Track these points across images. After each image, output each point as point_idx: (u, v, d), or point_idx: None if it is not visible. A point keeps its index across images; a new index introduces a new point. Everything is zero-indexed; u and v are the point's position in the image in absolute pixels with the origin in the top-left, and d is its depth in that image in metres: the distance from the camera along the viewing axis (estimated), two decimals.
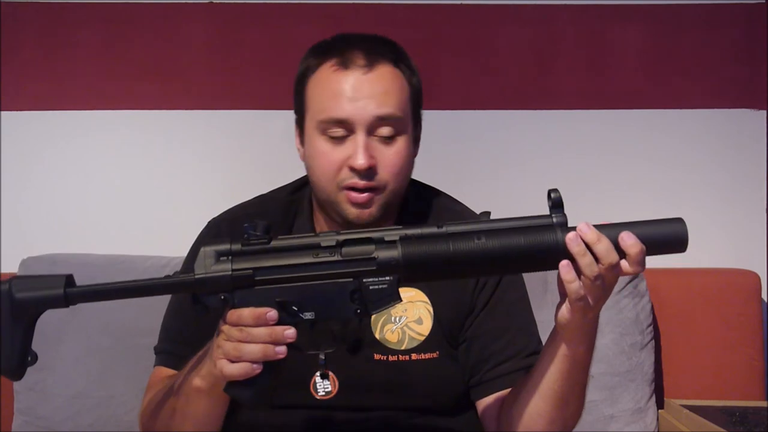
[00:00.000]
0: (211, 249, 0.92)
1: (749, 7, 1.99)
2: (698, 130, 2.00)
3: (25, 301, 0.91)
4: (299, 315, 0.92)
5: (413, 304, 1.19)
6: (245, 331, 0.91)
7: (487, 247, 0.89)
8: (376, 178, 1.13)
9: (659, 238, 0.91)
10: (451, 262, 0.90)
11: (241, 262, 0.92)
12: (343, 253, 0.92)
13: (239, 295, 0.92)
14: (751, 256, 1.96)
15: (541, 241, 0.90)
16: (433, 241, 0.91)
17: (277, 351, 0.90)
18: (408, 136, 1.16)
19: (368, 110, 1.11)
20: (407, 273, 0.91)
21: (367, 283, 0.91)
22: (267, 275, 0.92)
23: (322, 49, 1.17)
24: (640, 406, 1.71)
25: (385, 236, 0.92)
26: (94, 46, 1.96)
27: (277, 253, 0.92)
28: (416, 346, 1.17)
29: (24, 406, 1.67)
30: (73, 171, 1.96)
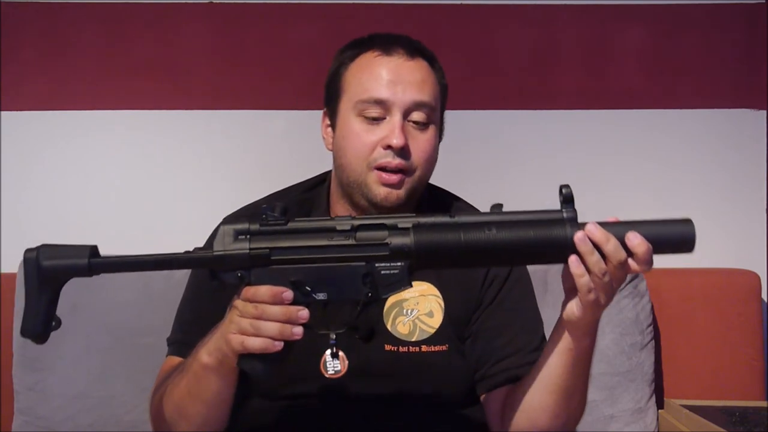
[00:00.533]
0: (230, 228, 0.95)
1: (749, 7, 1.99)
2: (698, 130, 2.00)
3: (51, 269, 0.94)
4: (312, 295, 0.94)
5: (425, 298, 1.20)
6: (260, 308, 0.93)
7: (498, 238, 0.92)
8: (409, 161, 1.17)
9: (666, 237, 0.93)
10: (461, 252, 0.92)
11: (259, 242, 0.94)
12: (357, 238, 0.94)
13: (255, 273, 0.94)
14: (751, 256, 1.97)
15: (551, 235, 0.92)
16: (445, 230, 0.93)
17: (294, 332, 0.93)
18: (437, 129, 1.23)
19: (407, 94, 1.18)
20: (418, 260, 0.93)
21: (379, 267, 0.94)
22: (283, 255, 0.94)
23: (361, 43, 1.24)
24: (640, 406, 1.71)
25: (398, 223, 0.94)
26: (94, 46, 1.96)
27: (293, 235, 0.95)
28: (426, 339, 1.19)
29: (24, 406, 1.67)
30: (73, 171, 1.96)
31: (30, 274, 0.95)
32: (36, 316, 0.95)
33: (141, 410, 1.65)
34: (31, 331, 0.95)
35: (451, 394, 1.20)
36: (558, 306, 1.77)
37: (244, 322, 0.94)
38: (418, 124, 1.19)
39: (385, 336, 1.19)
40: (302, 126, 1.30)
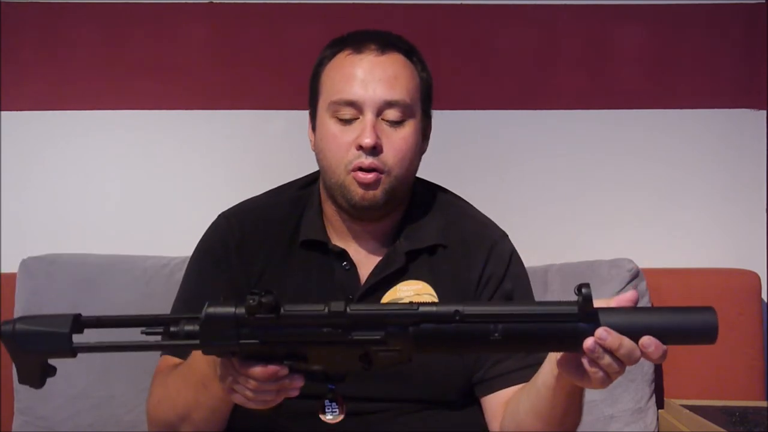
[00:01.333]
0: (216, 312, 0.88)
1: (749, 7, 1.99)
2: (698, 130, 2.00)
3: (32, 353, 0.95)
4: (308, 367, 0.91)
5: (420, 297, 1.20)
6: (259, 387, 0.91)
7: (501, 340, 0.86)
8: (381, 159, 1.16)
9: (686, 330, 0.90)
10: (460, 348, 0.91)
11: (248, 331, 0.88)
12: (353, 336, 0.88)
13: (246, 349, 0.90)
14: (751, 256, 1.96)
15: (560, 336, 0.86)
16: (447, 335, 0.87)
17: (290, 394, 0.93)
18: (415, 125, 1.20)
19: (377, 93, 1.16)
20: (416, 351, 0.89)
21: (375, 350, 0.89)
22: (274, 346, 0.89)
23: (338, 41, 1.24)
24: (640, 406, 1.71)
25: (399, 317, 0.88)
26: (94, 46, 1.95)
27: (284, 327, 0.88)
28: None
29: (24, 406, 1.67)
30: (73, 171, 1.96)
31: (12, 352, 0.93)
32: (29, 373, 0.97)
33: (141, 410, 1.63)
34: (27, 381, 0.98)
35: (447, 393, 1.20)
36: None
37: (240, 390, 0.93)
38: (392, 120, 1.17)
39: None
40: (302, 126, 1.30)
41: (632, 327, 0.86)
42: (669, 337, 0.88)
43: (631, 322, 0.86)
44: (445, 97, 1.93)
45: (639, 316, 0.88)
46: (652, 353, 0.87)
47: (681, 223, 1.99)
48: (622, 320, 0.86)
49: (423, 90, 1.23)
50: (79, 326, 0.94)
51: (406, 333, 0.87)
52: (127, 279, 1.72)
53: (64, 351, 0.93)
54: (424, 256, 1.23)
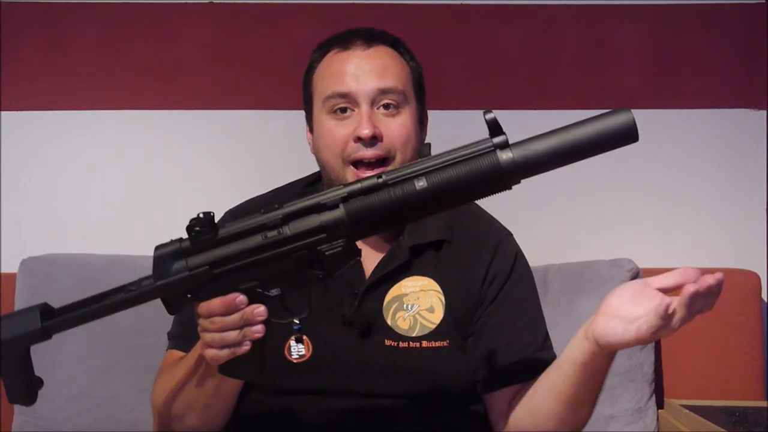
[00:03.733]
0: (164, 251, 0.95)
1: (749, 7, 1.99)
2: (698, 130, 2.00)
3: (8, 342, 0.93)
4: (266, 294, 0.93)
5: (425, 293, 1.20)
6: (218, 321, 0.93)
7: (429, 189, 0.89)
8: (383, 146, 1.17)
9: (608, 134, 0.93)
10: (395, 211, 0.91)
11: (196, 258, 0.93)
12: (291, 229, 0.92)
13: (204, 289, 0.93)
14: (751, 256, 1.96)
15: (482, 167, 0.89)
16: (375, 195, 0.91)
17: (254, 330, 0.92)
18: (411, 111, 1.21)
19: (370, 83, 1.17)
20: (356, 231, 0.92)
21: (322, 249, 0.92)
22: (223, 266, 0.93)
23: (324, 43, 1.25)
24: (640, 406, 1.71)
25: (327, 201, 0.92)
26: (94, 46, 1.96)
27: (227, 243, 0.93)
28: (427, 334, 1.18)
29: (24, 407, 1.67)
30: (73, 171, 1.96)
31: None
32: (15, 385, 0.95)
33: (141, 410, 1.65)
34: (17, 399, 0.96)
35: (451, 389, 1.20)
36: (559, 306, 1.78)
37: (207, 336, 0.95)
38: (387, 109, 1.18)
39: (384, 331, 1.18)
40: (302, 126, 1.30)
41: (557, 149, 0.90)
42: (595, 148, 0.91)
43: (556, 144, 0.91)
44: (445, 97, 1.94)
45: (558, 136, 0.91)
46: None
47: (681, 223, 1.99)
48: (546, 145, 0.90)
49: (414, 78, 1.24)
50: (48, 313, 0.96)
51: (341, 215, 0.90)
52: (127, 279, 1.70)
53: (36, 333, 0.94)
54: (429, 252, 1.23)
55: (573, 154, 0.92)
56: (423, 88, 1.26)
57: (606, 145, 0.91)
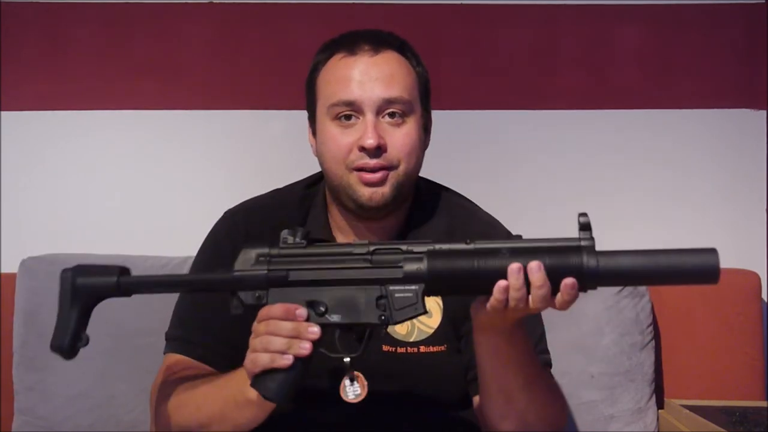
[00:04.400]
0: (252, 252, 0.98)
1: (749, 7, 1.99)
2: (698, 130, 2.00)
3: (83, 287, 1.01)
4: (326, 316, 0.96)
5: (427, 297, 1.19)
6: (272, 324, 0.94)
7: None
8: (387, 157, 1.16)
9: (688, 269, 0.91)
10: (474, 278, 0.92)
11: (278, 264, 0.97)
12: (373, 261, 0.96)
13: (272, 294, 0.97)
14: (751, 256, 1.96)
15: (567, 263, 0.91)
16: (459, 256, 0.93)
17: (302, 346, 0.93)
18: (417, 120, 1.20)
19: (376, 92, 1.16)
20: (432, 284, 0.94)
21: (393, 290, 0.95)
22: (300, 276, 0.96)
23: (330, 44, 1.23)
24: (640, 406, 1.71)
25: (414, 248, 0.96)
26: (95, 46, 1.96)
27: (311, 257, 0.97)
28: (425, 339, 1.19)
29: (24, 406, 1.67)
30: (73, 171, 1.96)
31: (64, 291, 1.02)
32: (65, 331, 1.00)
33: (141, 410, 1.65)
34: (59, 346, 1.00)
35: (449, 394, 1.20)
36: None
37: (255, 341, 0.95)
38: (393, 118, 1.17)
39: (382, 337, 1.17)
40: (302, 126, 1.30)
41: (640, 270, 0.91)
42: (675, 280, 0.91)
43: (641, 265, 0.91)
44: (445, 97, 1.94)
45: (644, 258, 0.92)
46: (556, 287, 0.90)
47: (681, 223, 1.99)
48: (626, 261, 0.91)
49: (420, 85, 1.22)
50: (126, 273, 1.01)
51: (422, 265, 0.93)
52: None
53: (112, 286, 0.99)
54: None
55: (653, 279, 0.94)
56: (429, 93, 1.25)
57: (686, 280, 0.91)
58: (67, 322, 1.00)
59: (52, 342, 0.99)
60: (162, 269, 1.73)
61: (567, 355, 1.64)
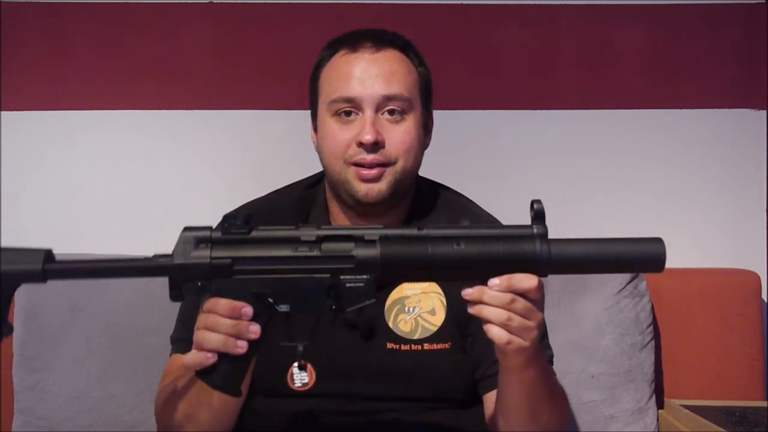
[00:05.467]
0: (191, 235, 0.94)
1: (749, 7, 1.99)
2: (698, 130, 2.00)
3: (4, 275, 0.91)
4: (274, 307, 0.92)
5: (427, 295, 1.20)
6: (211, 319, 0.92)
7: (465, 253, 0.91)
8: (384, 153, 1.17)
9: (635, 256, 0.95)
10: (428, 265, 0.91)
11: (221, 251, 0.92)
12: (323, 249, 0.92)
13: (216, 283, 0.92)
14: (751, 256, 1.96)
15: (520, 250, 0.91)
16: (413, 243, 0.91)
17: (238, 345, 0.91)
18: (416, 118, 1.20)
19: (375, 89, 1.17)
20: (384, 273, 0.92)
21: (344, 280, 0.92)
22: (245, 265, 0.92)
23: (334, 42, 1.24)
24: (640, 406, 1.71)
25: (365, 235, 0.93)
26: (95, 46, 1.96)
27: (256, 244, 0.93)
28: (429, 336, 1.19)
29: (24, 406, 1.67)
30: (73, 171, 1.96)
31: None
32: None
33: (141, 410, 1.65)
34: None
35: (453, 391, 1.20)
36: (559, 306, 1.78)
37: (196, 334, 0.94)
38: (392, 115, 1.18)
39: (386, 334, 1.18)
40: (302, 126, 1.30)
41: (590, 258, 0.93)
42: (621, 265, 0.95)
43: (591, 253, 0.93)
44: (445, 97, 1.94)
45: (594, 246, 0.94)
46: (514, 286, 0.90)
47: (681, 223, 1.99)
48: (577, 249, 0.93)
49: (421, 84, 1.23)
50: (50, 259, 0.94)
51: (375, 252, 0.91)
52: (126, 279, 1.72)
53: (35, 273, 0.92)
54: None
55: (603, 267, 0.95)
56: (430, 93, 1.26)
57: (634, 268, 0.96)
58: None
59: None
60: None
61: (567, 355, 1.64)
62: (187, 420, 1.10)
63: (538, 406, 1.05)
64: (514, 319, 0.90)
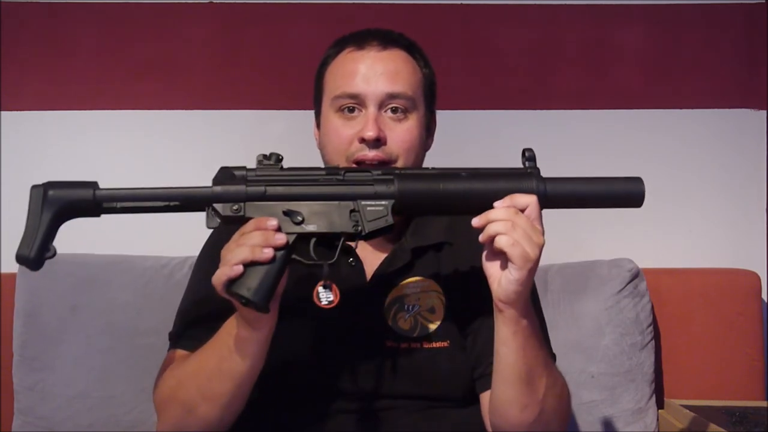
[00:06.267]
0: (229, 171, 1.07)
1: (749, 7, 1.99)
2: (698, 130, 2.00)
3: (56, 198, 1.02)
4: (303, 225, 1.01)
5: (426, 294, 1.20)
6: (243, 237, 0.99)
7: (472, 186, 1.04)
8: (386, 150, 1.18)
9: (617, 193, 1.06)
10: (439, 197, 1.03)
11: (255, 183, 1.03)
12: (346, 178, 1.04)
13: (250, 208, 1.02)
14: (751, 256, 1.97)
15: (519, 186, 1.03)
16: (425, 179, 1.04)
17: (264, 251, 0.97)
18: (419, 118, 1.22)
19: (380, 86, 1.18)
20: (401, 202, 1.02)
21: (364, 204, 1.02)
22: (276, 192, 1.02)
23: (340, 41, 1.26)
24: (640, 406, 1.71)
25: (383, 172, 1.05)
26: (94, 46, 1.96)
27: (286, 177, 1.04)
28: (428, 335, 1.19)
29: (24, 406, 1.67)
30: (72, 171, 1.94)
31: (34, 202, 1.04)
32: (33, 241, 1.01)
33: (141, 410, 1.65)
34: (25, 256, 1.00)
35: (452, 390, 1.20)
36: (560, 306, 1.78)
37: (225, 252, 0.99)
38: (395, 113, 1.19)
39: (386, 332, 1.18)
40: (302, 126, 1.31)
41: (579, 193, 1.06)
42: (606, 200, 1.06)
43: (576, 188, 1.06)
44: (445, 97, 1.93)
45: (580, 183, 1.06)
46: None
47: (681, 223, 1.99)
48: (568, 186, 1.05)
49: (425, 85, 1.24)
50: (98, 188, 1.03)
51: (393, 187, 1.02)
52: (126, 279, 1.72)
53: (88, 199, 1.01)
54: (430, 252, 1.23)
55: (590, 201, 1.07)
56: (434, 95, 1.27)
57: (618, 203, 1.07)
58: (34, 232, 1.02)
59: (18, 251, 1.00)
60: (161, 269, 1.73)
61: (567, 355, 1.64)
62: (202, 398, 1.08)
63: (535, 370, 1.06)
64: (518, 228, 0.98)
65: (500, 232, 0.98)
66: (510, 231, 0.98)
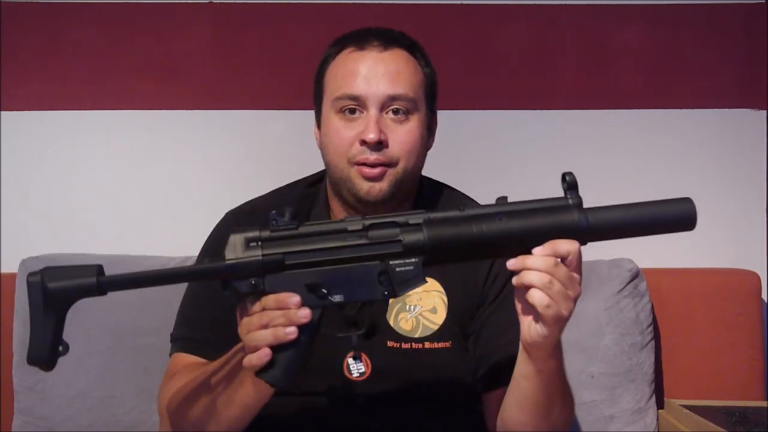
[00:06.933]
0: (241, 236, 0.93)
1: (749, 7, 1.99)
2: (698, 130, 2.00)
3: (58, 291, 0.90)
4: (328, 298, 0.93)
5: (428, 294, 1.20)
6: (264, 315, 0.92)
7: (509, 227, 0.93)
8: (387, 153, 1.17)
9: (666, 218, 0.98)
10: (474, 243, 0.93)
11: (271, 248, 0.93)
12: (370, 237, 0.94)
13: (269, 280, 0.92)
14: (751, 256, 1.96)
15: (561, 221, 0.94)
16: (456, 223, 0.94)
17: (287, 332, 0.90)
18: (420, 119, 1.21)
19: (381, 88, 1.17)
20: (432, 254, 0.94)
21: (393, 265, 0.93)
22: (296, 259, 0.93)
23: (342, 39, 1.24)
24: (640, 406, 1.71)
25: (409, 220, 0.95)
26: (94, 46, 1.96)
27: (305, 238, 0.94)
28: (430, 335, 1.19)
29: (24, 406, 1.67)
30: (73, 171, 1.95)
31: (35, 298, 0.91)
32: (43, 341, 0.90)
33: (141, 410, 1.65)
34: (37, 358, 0.91)
35: (454, 390, 1.20)
36: None
37: (247, 336, 0.93)
38: (396, 115, 1.18)
39: (387, 332, 1.18)
40: (302, 126, 1.31)
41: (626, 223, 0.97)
42: (656, 227, 0.97)
43: (626, 218, 0.97)
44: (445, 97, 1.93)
45: (629, 211, 0.98)
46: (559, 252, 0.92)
47: None
48: (613, 215, 0.97)
49: (427, 85, 1.23)
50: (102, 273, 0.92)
51: (422, 235, 0.93)
52: None
53: (91, 286, 0.90)
54: None
55: (638, 230, 0.98)
56: (435, 94, 1.26)
57: (669, 228, 0.98)
58: (43, 332, 0.90)
59: (30, 355, 0.91)
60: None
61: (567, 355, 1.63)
62: (208, 417, 1.07)
63: (553, 401, 1.05)
64: (555, 284, 0.91)
65: (535, 285, 0.91)
66: (546, 287, 0.91)
